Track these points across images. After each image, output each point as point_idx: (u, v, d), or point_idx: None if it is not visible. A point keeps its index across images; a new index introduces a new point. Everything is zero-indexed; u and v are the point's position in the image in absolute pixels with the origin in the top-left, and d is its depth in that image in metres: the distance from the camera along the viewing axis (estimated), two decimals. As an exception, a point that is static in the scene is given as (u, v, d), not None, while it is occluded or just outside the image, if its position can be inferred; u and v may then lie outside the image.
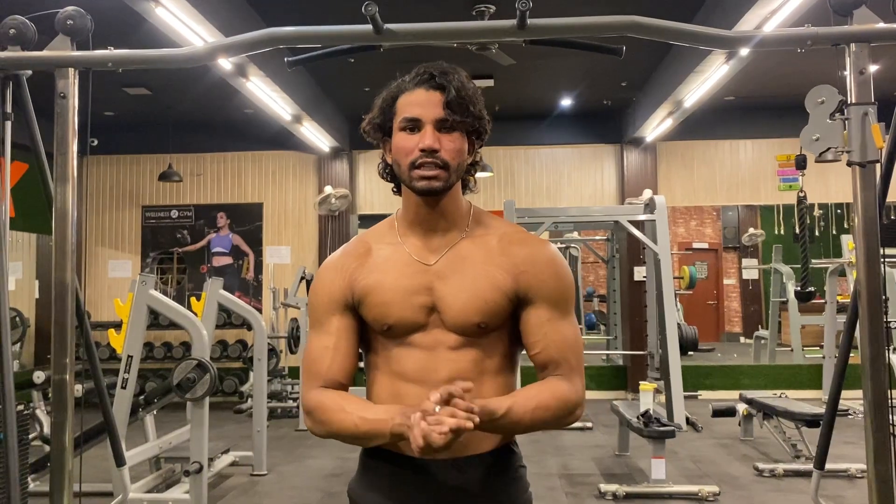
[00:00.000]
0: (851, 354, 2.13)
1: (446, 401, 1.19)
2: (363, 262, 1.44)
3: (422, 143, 1.36)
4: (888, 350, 1.63)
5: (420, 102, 1.38)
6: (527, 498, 1.47)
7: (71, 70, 1.73)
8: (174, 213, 9.38)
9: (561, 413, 1.36)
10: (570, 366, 1.40)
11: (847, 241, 7.27)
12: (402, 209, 1.47)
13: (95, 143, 1.87)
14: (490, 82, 6.99)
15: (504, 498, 1.41)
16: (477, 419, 1.18)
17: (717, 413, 6.04)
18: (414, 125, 1.37)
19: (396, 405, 1.32)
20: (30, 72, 1.85)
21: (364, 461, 1.48)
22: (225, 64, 5.59)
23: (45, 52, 1.76)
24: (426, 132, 1.36)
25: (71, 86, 1.72)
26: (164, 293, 7.88)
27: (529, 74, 7.24)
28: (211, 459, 4.72)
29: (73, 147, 1.72)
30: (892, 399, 1.61)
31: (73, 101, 1.73)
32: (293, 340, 7.99)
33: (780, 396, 6.60)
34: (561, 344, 1.40)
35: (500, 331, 1.41)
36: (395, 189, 1.49)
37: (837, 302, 7.55)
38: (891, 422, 1.59)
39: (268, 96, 6.61)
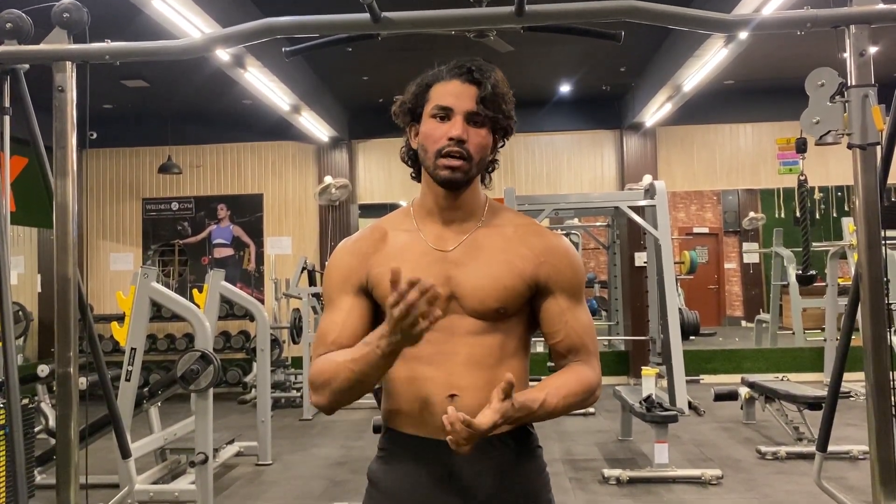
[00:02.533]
0: (853, 337, 2.13)
1: (505, 394, 1.27)
2: (379, 247, 1.46)
3: (451, 132, 1.39)
4: (890, 332, 1.63)
5: (454, 93, 1.40)
6: (544, 477, 1.50)
7: (68, 63, 1.72)
8: (174, 206, 9.38)
9: (586, 396, 1.43)
10: (588, 350, 1.47)
11: (848, 223, 7.27)
12: (420, 197, 1.50)
13: (94, 136, 1.87)
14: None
15: (522, 477, 1.44)
16: (513, 417, 1.29)
17: (720, 397, 6.05)
18: (445, 114, 1.40)
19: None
20: (27, 66, 1.85)
21: (383, 444, 1.49)
22: (222, 55, 5.58)
23: (41, 46, 1.76)
24: (456, 122, 1.39)
25: (69, 79, 1.71)
26: (167, 285, 7.89)
27: (528, 61, 7.21)
28: (216, 450, 4.75)
29: (73, 140, 1.72)
30: (893, 381, 1.61)
31: (72, 95, 1.72)
32: (296, 331, 8.01)
33: (782, 379, 6.61)
34: (580, 331, 1.46)
35: (517, 316, 1.45)
36: (413, 175, 1.51)
37: (838, 285, 7.55)
38: (892, 403, 1.59)
39: (266, 87, 6.60)
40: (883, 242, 1.61)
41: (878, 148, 1.62)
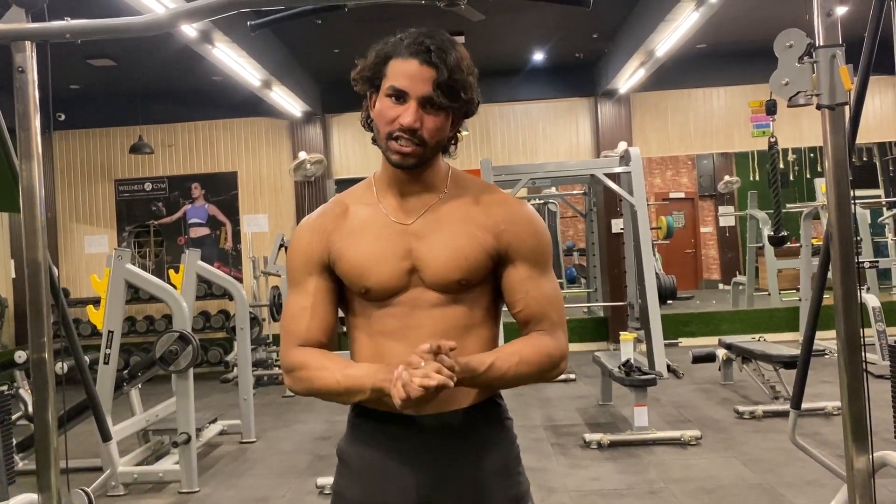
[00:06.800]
0: (825, 296, 2.17)
1: (434, 353, 1.23)
2: (340, 223, 1.45)
3: (402, 119, 1.34)
4: (860, 290, 1.66)
5: (410, 75, 1.34)
6: (514, 450, 1.49)
7: (28, 43, 1.67)
8: (148, 186, 9.26)
9: (544, 367, 1.39)
10: (551, 321, 1.43)
11: (820, 184, 7.35)
12: (381, 169, 1.47)
13: (63, 117, 1.83)
14: (461, 39, 6.92)
15: (491, 449, 1.44)
16: (455, 378, 1.23)
17: (698, 359, 6.14)
18: (400, 95, 1.35)
19: (379, 363, 1.35)
20: (-15, 47, 1.80)
21: (352, 420, 1.51)
22: (189, 31, 5.48)
23: (-1, 26, 1.71)
24: (409, 108, 1.34)
25: (29, 59, 1.67)
26: (143, 267, 7.82)
27: (500, 29, 7.16)
28: (199, 429, 4.75)
29: (36, 122, 1.68)
30: (864, 337, 1.64)
31: (33, 76, 1.68)
32: (275, 308, 7.98)
33: (759, 340, 6.73)
34: (542, 300, 1.43)
35: (481, 286, 1.43)
36: (374, 139, 1.46)
37: (812, 245, 7.65)
38: (863, 359, 1.62)
39: (235, 62, 6.50)
40: (853, 202, 1.63)
41: (847, 108, 1.63)
